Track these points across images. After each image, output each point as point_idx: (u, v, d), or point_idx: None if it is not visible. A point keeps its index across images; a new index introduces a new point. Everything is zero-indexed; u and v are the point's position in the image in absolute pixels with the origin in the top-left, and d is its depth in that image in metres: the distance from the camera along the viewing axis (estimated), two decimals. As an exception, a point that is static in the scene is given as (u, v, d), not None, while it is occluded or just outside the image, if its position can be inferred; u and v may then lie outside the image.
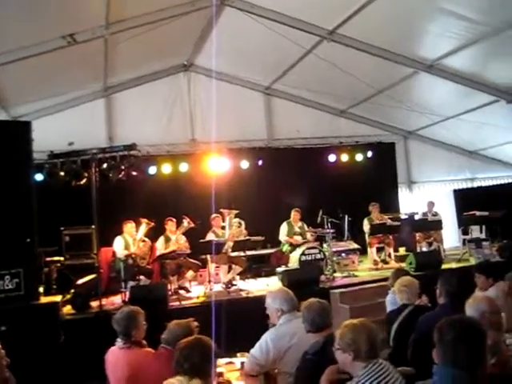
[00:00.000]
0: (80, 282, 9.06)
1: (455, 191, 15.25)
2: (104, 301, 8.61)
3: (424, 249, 11.56)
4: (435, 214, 12.26)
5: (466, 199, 14.27)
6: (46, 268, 9.65)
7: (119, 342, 4.23)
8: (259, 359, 4.19)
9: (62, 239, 10.30)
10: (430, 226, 11.63)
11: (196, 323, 4.11)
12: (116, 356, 4.20)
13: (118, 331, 4.26)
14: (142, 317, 4.38)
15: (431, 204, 12.55)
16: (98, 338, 6.65)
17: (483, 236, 11.93)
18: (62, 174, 9.22)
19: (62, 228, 10.35)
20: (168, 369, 3.27)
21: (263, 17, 9.64)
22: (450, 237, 13.17)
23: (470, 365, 2.53)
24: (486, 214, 11.59)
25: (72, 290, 8.81)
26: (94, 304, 8.48)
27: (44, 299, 8.06)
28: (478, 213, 11.70)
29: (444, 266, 10.00)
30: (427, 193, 15.05)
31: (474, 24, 8.91)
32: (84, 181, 9.16)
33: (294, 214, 11.19)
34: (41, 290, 8.35)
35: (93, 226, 9.42)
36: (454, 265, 10.40)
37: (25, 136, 7.71)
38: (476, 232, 12.22)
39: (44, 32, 8.46)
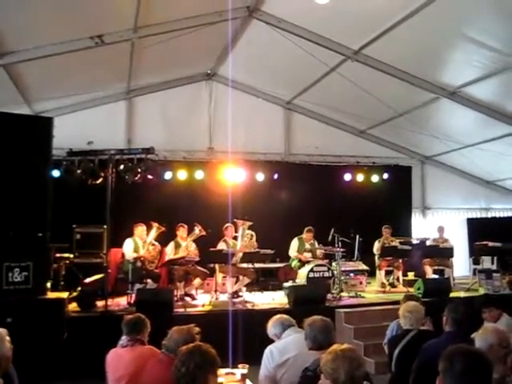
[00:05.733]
0: (87, 280, 9.09)
1: (469, 220, 15.18)
2: (110, 301, 8.65)
3: (433, 276, 11.45)
4: (445, 240, 12.17)
5: (479, 229, 14.19)
6: (55, 264, 9.70)
7: (123, 340, 4.31)
8: (268, 368, 4.29)
9: (73, 236, 10.35)
10: (441, 252, 11.55)
11: (197, 329, 4.12)
12: (118, 355, 4.25)
13: (126, 331, 4.36)
14: (149, 326, 4.61)
15: (441, 229, 12.47)
16: (101, 337, 6.69)
17: (494, 267, 11.81)
18: (79, 171, 9.26)
19: (74, 225, 10.42)
20: (168, 374, 3.27)
21: (289, 32, 9.69)
22: (461, 265, 13.09)
23: None
24: (498, 245, 11.51)
25: (79, 288, 8.85)
26: (100, 303, 8.51)
27: (51, 294, 8.10)
28: (490, 243, 11.63)
29: (452, 295, 9.89)
30: (441, 219, 14.94)
31: (499, 54, 8.91)
32: (100, 180, 9.20)
33: (307, 234, 11.14)
34: (48, 285, 8.39)
35: (104, 226, 9.46)
36: (462, 294, 10.27)
37: (46, 131, 7.79)
38: (487, 263, 12.12)
39: (73, 31, 8.59)
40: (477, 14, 8.16)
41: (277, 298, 10.01)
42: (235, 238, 10.34)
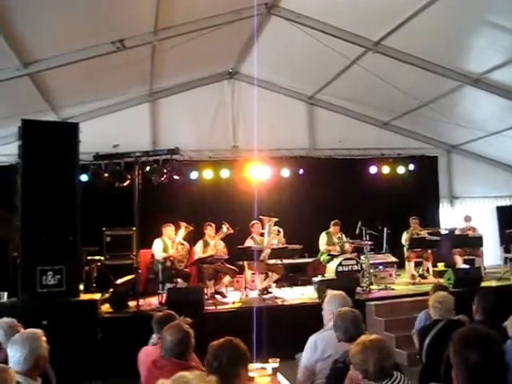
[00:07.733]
0: (119, 281, 9.25)
1: (498, 208, 14.94)
2: (141, 301, 8.77)
3: (464, 265, 11.33)
4: (473, 229, 12.01)
5: (509, 217, 13.93)
6: (87, 266, 9.87)
7: (154, 338, 4.36)
8: (309, 359, 4.30)
9: (103, 239, 10.54)
10: (471, 242, 11.43)
11: (189, 320, 4.12)
12: (150, 353, 4.30)
13: (156, 329, 4.41)
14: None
15: (468, 218, 12.29)
16: (134, 337, 6.79)
17: (526, 255, 11.65)
18: (106, 175, 9.40)
19: (104, 228, 10.59)
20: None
21: (309, 27, 9.67)
22: (492, 254, 12.94)
23: None
24: (530, 232, 11.34)
25: (111, 290, 9.02)
26: (132, 304, 8.66)
27: (84, 296, 8.25)
28: (521, 230, 11.47)
29: (483, 284, 9.78)
30: (469, 208, 14.72)
31: (522, 38, 8.78)
32: (127, 183, 9.32)
33: (334, 227, 11.15)
34: (81, 287, 8.54)
35: (133, 228, 9.59)
36: (494, 283, 10.15)
37: (72, 137, 7.94)
38: (519, 251, 11.96)
39: (94, 37, 8.69)
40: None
41: (306, 293, 10.04)
42: (262, 234, 10.39)
